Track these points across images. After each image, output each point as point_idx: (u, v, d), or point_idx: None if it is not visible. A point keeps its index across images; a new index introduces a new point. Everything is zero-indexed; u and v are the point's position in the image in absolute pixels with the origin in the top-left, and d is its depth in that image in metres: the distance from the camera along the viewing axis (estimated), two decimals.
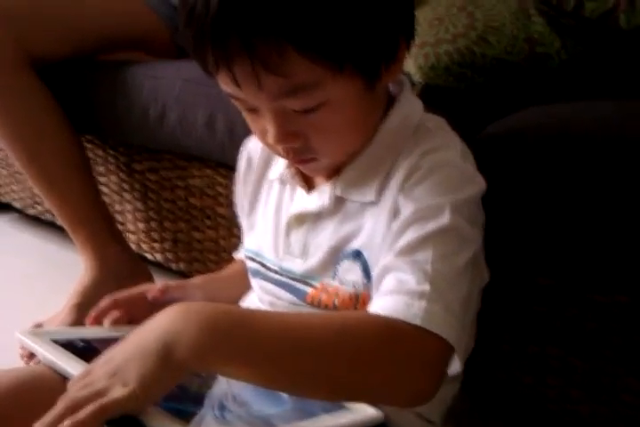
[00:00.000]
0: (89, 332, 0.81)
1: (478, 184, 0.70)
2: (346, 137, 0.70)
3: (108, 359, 0.59)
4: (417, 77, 0.95)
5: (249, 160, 0.87)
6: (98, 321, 0.82)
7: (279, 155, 0.74)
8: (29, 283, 1.45)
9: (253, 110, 0.68)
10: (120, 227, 1.44)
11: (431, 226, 0.65)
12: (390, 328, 0.60)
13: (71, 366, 0.68)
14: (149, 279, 1.27)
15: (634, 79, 0.94)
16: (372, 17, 0.63)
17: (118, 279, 1.21)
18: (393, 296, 0.62)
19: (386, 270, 0.65)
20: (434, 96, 0.95)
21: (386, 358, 0.60)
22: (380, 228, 0.70)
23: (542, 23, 0.93)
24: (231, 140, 1.10)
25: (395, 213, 0.68)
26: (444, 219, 0.65)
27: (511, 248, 0.84)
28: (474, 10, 0.95)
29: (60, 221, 1.28)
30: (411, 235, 0.65)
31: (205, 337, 0.56)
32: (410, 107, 0.75)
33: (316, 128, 0.67)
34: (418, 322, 0.60)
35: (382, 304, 0.62)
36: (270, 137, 0.68)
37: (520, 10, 0.94)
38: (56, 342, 0.74)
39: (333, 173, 0.75)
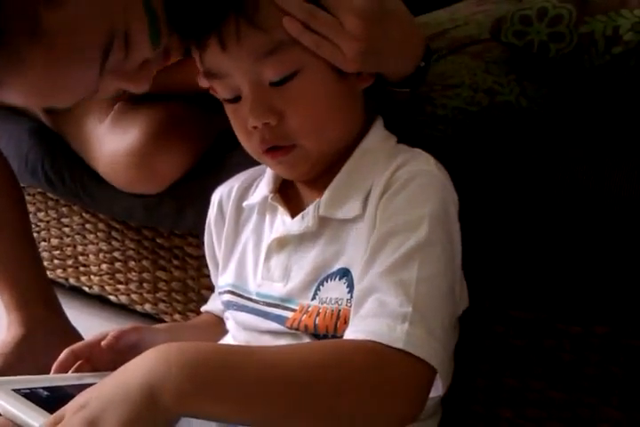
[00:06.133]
0: (53, 380, 0.76)
1: (454, 193, 0.71)
2: (321, 121, 0.72)
3: (81, 405, 0.55)
4: None
5: (220, 205, 0.88)
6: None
7: (259, 154, 0.76)
8: None
9: (233, 100, 0.73)
10: (82, 269, 1.42)
11: (411, 242, 0.65)
12: (373, 354, 0.60)
13: (34, 418, 0.63)
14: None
15: (603, 118, 0.95)
16: None
17: (45, 337, 1.12)
18: (375, 319, 0.62)
19: (368, 292, 0.65)
20: None
21: (370, 386, 0.60)
22: (361, 243, 0.70)
23: (500, 73, 0.93)
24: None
25: (373, 226, 0.69)
26: (423, 232, 0.65)
27: (485, 281, 0.85)
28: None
29: None
30: (391, 251, 0.65)
31: (188, 381, 0.54)
32: (387, 132, 0.78)
33: (291, 103, 0.71)
34: (400, 345, 0.60)
35: (364, 327, 0.62)
36: (248, 114, 0.71)
37: (476, 65, 0.95)
38: (17, 391, 0.69)
39: (316, 194, 0.76)
